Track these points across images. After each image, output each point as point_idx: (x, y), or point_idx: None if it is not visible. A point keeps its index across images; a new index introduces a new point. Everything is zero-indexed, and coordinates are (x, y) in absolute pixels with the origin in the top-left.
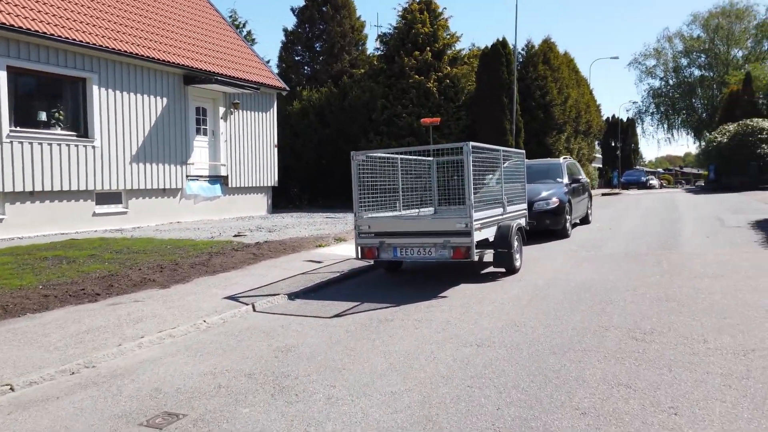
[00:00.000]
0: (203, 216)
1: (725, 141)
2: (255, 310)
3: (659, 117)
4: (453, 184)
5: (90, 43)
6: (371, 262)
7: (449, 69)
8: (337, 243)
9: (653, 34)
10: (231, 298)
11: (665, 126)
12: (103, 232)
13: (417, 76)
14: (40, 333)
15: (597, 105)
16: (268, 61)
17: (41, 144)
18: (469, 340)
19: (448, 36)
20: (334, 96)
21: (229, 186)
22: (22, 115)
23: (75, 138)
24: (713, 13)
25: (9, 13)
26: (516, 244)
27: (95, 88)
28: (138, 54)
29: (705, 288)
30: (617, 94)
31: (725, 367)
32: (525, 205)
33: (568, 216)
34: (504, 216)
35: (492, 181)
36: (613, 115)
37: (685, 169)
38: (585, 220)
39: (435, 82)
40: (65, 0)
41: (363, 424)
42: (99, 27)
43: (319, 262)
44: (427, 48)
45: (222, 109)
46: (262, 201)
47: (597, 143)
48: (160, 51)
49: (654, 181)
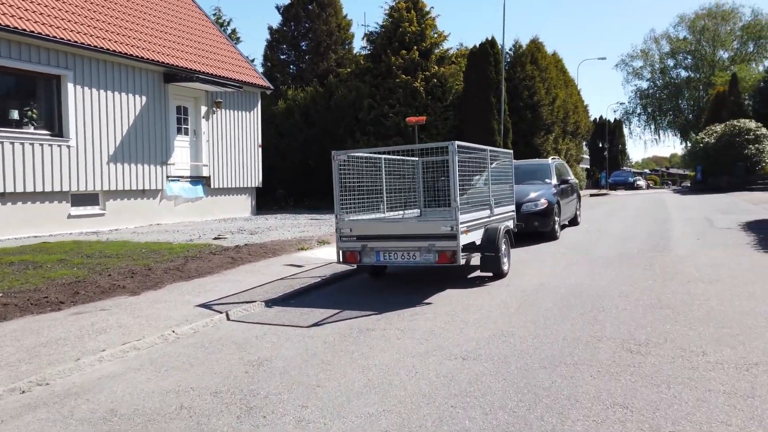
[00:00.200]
0: (184, 218)
1: (712, 142)
2: (229, 318)
3: (646, 118)
4: (439, 185)
5: (64, 39)
6: (354, 266)
7: (437, 68)
8: (320, 246)
9: (640, 35)
10: (204, 305)
11: (652, 127)
12: (79, 234)
13: (404, 75)
14: None
15: (585, 106)
16: (252, 60)
17: (13, 143)
18: (454, 352)
19: (435, 35)
20: (319, 95)
21: (212, 187)
22: None
23: (49, 137)
24: (699, 15)
25: None
26: (504, 247)
27: (70, 85)
28: (115, 51)
29: (700, 294)
30: (605, 94)
31: (728, 384)
32: (513, 207)
33: (556, 218)
34: (491, 218)
35: (479, 182)
36: (601, 116)
37: (672, 170)
38: (574, 221)
39: (422, 81)
40: None
41: None
42: (74, 22)
43: (301, 266)
44: (414, 47)
45: (204, 108)
46: (245, 202)
47: (585, 144)
48: (139, 48)
49: (641, 182)
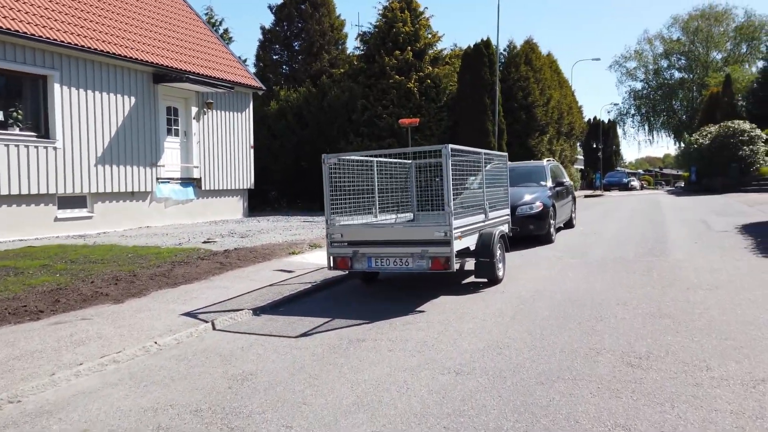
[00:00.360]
0: (174, 220)
1: (707, 142)
2: (215, 328)
3: (640, 119)
4: (433, 188)
5: (51, 39)
6: (346, 271)
7: (431, 69)
8: (312, 250)
9: (634, 36)
10: (189, 314)
11: (646, 128)
12: (65, 238)
13: (398, 76)
14: None
15: (579, 106)
16: (245, 61)
17: None
18: (447, 365)
19: (429, 35)
20: (312, 96)
21: (203, 189)
22: None
23: (35, 139)
24: (693, 16)
25: None
26: (499, 252)
27: (57, 86)
28: (103, 51)
29: (700, 302)
30: (599, 95)
31: (734, 403)
32: (508, 210)
33: (552, 221)
34: (486, 223)
35: (473, 186)
36: (595, 117)
37: (665, 171)
38: (569, 224)
39: (416, 82)
40: None
41: None
42: (61, 22)
43: (291, 271)
44: (408, 47)
45: (195, 109)
46: (237, 204)
47: (579, 145)
48: (127, 48)
49: (635, 183)
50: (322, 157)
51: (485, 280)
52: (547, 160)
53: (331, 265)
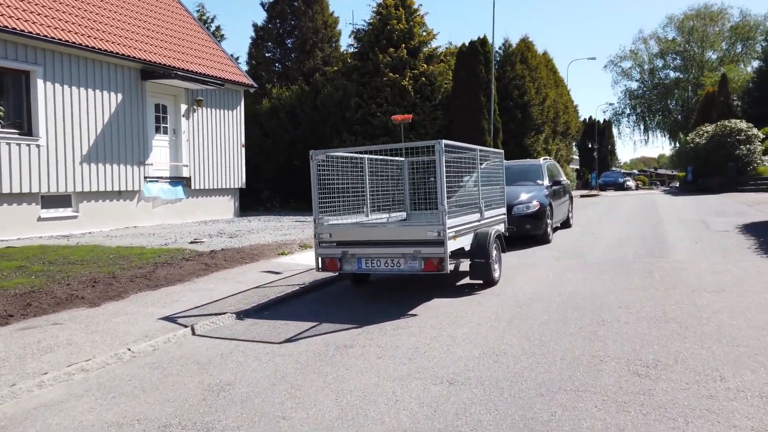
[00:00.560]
0: (163, 220)
1: (703, 142)
2: (194, 333)
3: (635, 118)
4: (427, 186)
5: (34, 33)
6: (335, 273)
7: (425, 67)
8: (302, 250)
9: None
10: (168, 318)
11: (641, 127)
12: (48, 238)
13: (392, 73)
14: None
15: (575, 106)
16: (237, 58)
17: None
18: (440, 374)
19: (424, 33)
20: (305, 94)
21: (192, 188)
22: None
23: (17, 136)
24: (688, 16)
25: None
26: (495, 253)
27: (40, 82)
28: (89, 46)
29: (707, 305)
30: (594, 95)
31: (755, 418)
32: (504, 210)
33: (549, 220)
34: (481, 222)
35: (468, 184)
36: (590, 117)
37: (660, 170)
38: (566, 223)
39: (410, 80)
40: None
41: None
42: (45, 16)
43: (279, 273)
44: (403, 45)
45: (184, 107)
46: (228, 203)
47: (574, 144)
48: (114, 43)
49: (630, 183)
50: (309, 154)
51: (481, 281)
52: (544, 158)
53: (320, 267)
